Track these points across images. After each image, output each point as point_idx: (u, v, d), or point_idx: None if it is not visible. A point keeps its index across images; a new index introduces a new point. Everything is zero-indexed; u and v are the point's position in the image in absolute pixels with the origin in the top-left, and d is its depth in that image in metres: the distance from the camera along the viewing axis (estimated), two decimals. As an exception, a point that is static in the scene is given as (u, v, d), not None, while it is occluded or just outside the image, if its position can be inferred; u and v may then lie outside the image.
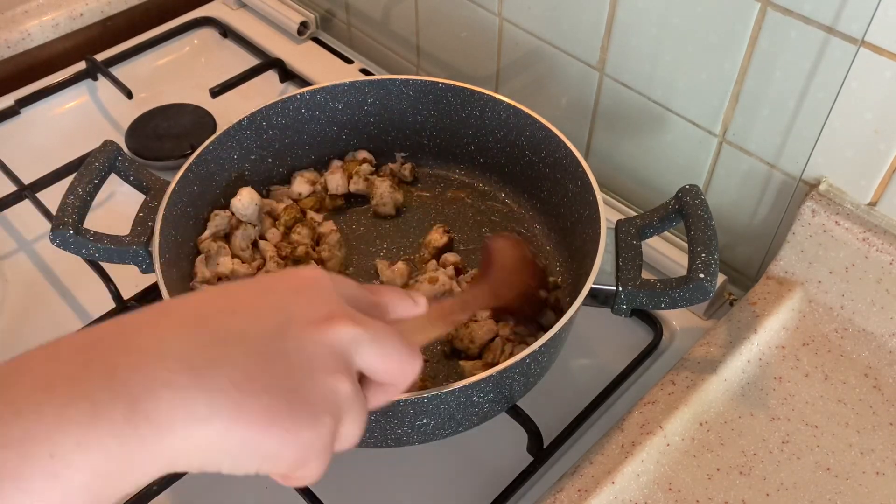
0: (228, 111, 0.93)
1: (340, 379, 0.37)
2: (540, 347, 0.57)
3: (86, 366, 0.32)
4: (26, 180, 0.83)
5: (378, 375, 0.40)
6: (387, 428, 0.59)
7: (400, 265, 0.74)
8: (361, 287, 0.43)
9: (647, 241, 0.74)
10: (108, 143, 0.69)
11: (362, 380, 0.41)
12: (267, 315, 0.37)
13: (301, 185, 0.80)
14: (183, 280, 0.69)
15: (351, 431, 0.39)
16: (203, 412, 0.33)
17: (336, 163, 0.82)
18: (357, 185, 0.80)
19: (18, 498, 0.29)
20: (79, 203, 0.65)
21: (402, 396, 0.54)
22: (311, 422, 0.36)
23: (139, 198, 0.69)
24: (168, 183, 0.68)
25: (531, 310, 0.67)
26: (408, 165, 0.82)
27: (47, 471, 0.30)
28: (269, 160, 0.79)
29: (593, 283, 0.61)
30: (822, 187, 0.67)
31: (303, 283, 0.40)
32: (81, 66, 0.99)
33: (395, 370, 0.40)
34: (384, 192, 0.78)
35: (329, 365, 0.37)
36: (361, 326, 0.39)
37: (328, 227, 0.77)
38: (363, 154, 0.83)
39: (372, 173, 0.81)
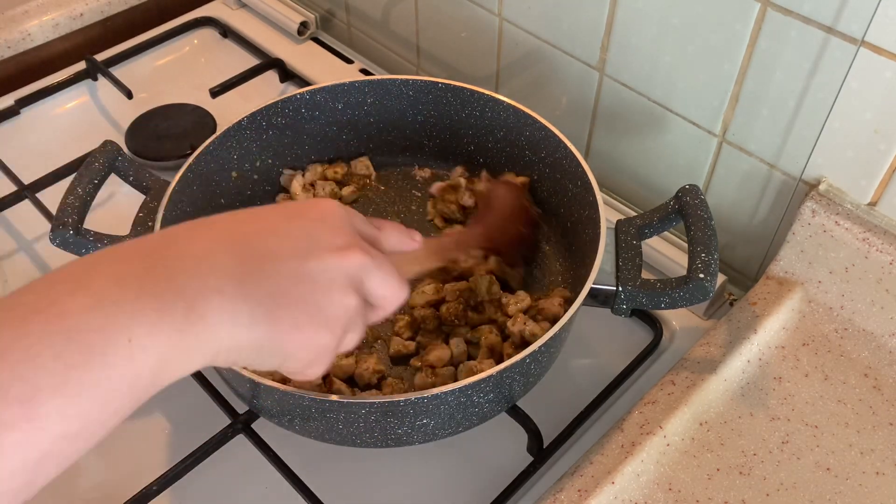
0: (228, 111, 0.93)
1: (352, 297, 0.44)
2: (540, 347, 0.57)
3: (149, 270, 0.38)
4: (26, 180, 0.83)
5: (375, 299, 0.47)
6: (387, 428, 0.59)
7: None
8: (367, 220, 0.50)
9: (647, 241, 0.74)
10: (108, 144, 0.69)
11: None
12: (297, 239, 0.43)
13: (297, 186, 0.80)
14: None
15: (352, 339, 0.46)
16: (245, 318, 0.39)
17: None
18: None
19: (105, 374, 0.35)
20: (79, 203, 0.65)
21: (402, 397, 0.54)
22: (326, 331, 0.43)
23: (139, 198, 0.69)
24: (168, 183, 0.68)
25: (519, 251, 0.74)
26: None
27: (125, 353, 0.35)
28: (269, 160, 0.79)
29: (593, 283, 0.61)
30: (822, 187, 0.67)
31: (325, 213, 0.46)
32: (81, 66, 0.99)
33: (388, 296, 0.47)
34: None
35: (344, 286, 0.44)
36: (370, 256, 0.45)
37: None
38: (364, 161, 0.83)
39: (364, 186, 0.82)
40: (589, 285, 0.60)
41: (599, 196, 0.67)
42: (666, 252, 0.77)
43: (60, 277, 0.37)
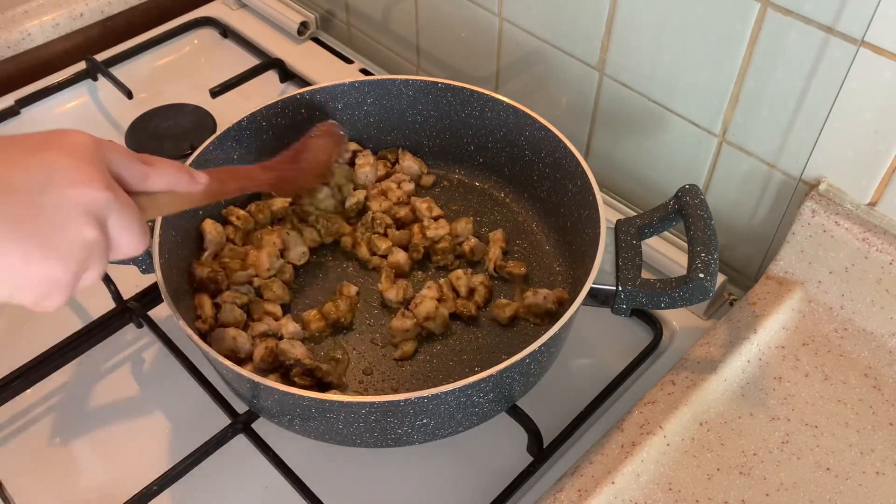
0: (228, 111, 0.93)
1: (90, 230, 0.44)
2: (540, 347, 0.57)
3: None
4: (26, 180, 0.83)
5: (112, 241, 0.47)
6: (387, 428, 0.59)
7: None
8: (132, 156, 0.50)
9: (647, 241, 0.74)
10: (108, 143, 0.69)
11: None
12: (34, 171, 0.43)
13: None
14: (183, 279, 0.69)
15: (92, 275, 0.46)
16: None
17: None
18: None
19: None
20: (79, 203, 0.65)
21: (402, 397, 0.54)
22: (59, 264, 0.43)
23: (139, 198, 0.69)
24: (168, 183, 0.68)
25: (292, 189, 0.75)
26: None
27: None
28: (269, 160, 0.79)
29: (593, 283, 0.61)
30: (822, 187, 0.67)
31: (72, 145, 0.45)
32: (81, 66, 0.99)
33: (125, 242, 0.47)
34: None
35: (82, 219, 0.44)
36: (112, 194, 0.46)
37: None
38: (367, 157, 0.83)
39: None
40: (589, 285, 0.60)
41: (599, 196, 0.67)
42: (666, 252, 0.77)
43: None
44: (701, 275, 0.60)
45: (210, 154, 0.72)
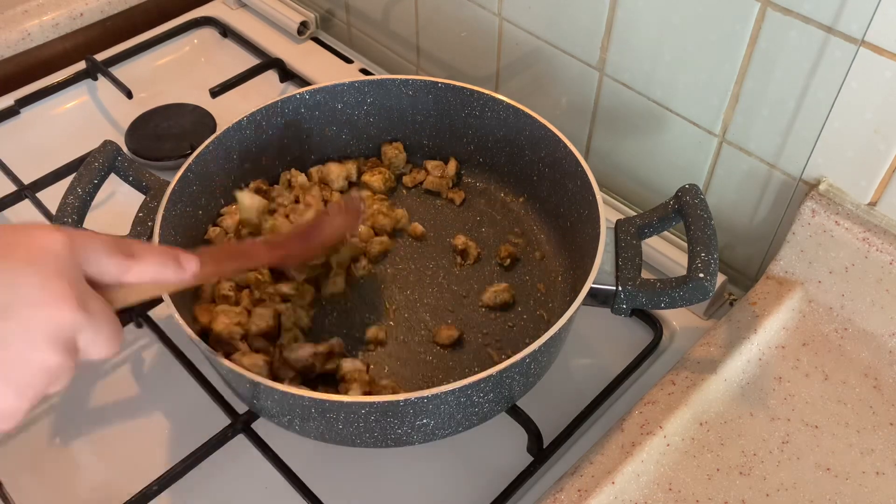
0: (228, 111, 0.93)
1: (54, 355, 0.40)
2: (540, 347, 0.57)
3: None
4: (26, 180, 0.83)
5: (83, 354, 0.43)
6: (387, 428, 0.58)
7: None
8: (112, 249, 0.45)
9: (647, 240, 0.74)
10: (107, 143, 0.69)
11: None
12: None
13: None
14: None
15: (56, 389, 0.42)
16: None
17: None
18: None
19: None
20: (78, 203, 0.65)
21: (402, 397, 0.54)
22: (13, 394, 0.40)
23: (139, 198, 0.69)
24: (168, 183, 0.68)
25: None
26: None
27: None
28: (269, 160, 0.79)
29: (593, 283, 0.61)
30: (822, 187, 0.67)
31: (39, 253, 0.40)
32: (81, 66, 0.99)
33: (95, 352, 0.43)
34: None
35: (44, 346, 0.40)
36: (82, 312, 0.41)
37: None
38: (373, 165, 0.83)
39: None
40: (589, 285, 0.60)
41: (599, 196, 0.67)
42: (666, 252, 0.77)
43: None
44: (701, 275, 0.60)
45: (210, 154, 0.72)
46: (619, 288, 0.62)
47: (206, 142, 0.72)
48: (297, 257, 0.64)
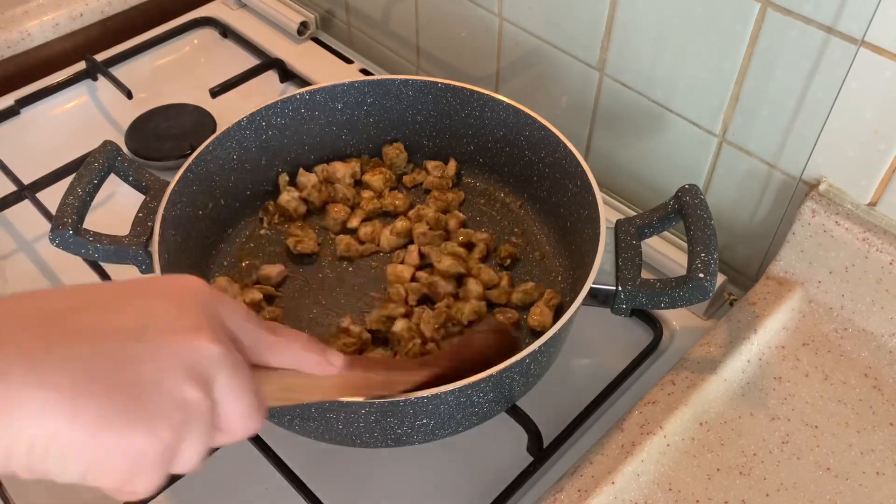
0: (228, 111, 0.93)
1: (192, 390, 0.35)
2: (540, 347, 0.57)
3: None
4: (26, 180, 0.83)
5: (218, 409, 0.37)
6: (387, 428, 0.58)
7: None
8: (257, 320, 0.40)
9: (647, 240, 0.74)
10: (107, 144, 0.69)
11: None
12: (125, 315, 0.35)
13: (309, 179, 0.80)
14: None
15: (191, 449, 0.36)
16: (33, 407, 0.31)
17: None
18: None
19: None
20: (78, 203, 0.65)
21: (402, 397, 0.54)
22: (146, 429, 0.33)
23: (139, 198, 0.69)
24: (168, 183, 0.68)
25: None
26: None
27: None
28: (269, 160, 0.79)
29: (593, 283, 0.61)
30: (822, 187, 0.67)
31: (176, 289, 0.38)
32: (81, 66, 0.99)
33: (237, 416, 0.38)
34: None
35: (179, 374, 0.35)
36: (225, 348, 0.36)
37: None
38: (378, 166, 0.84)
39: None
40: (589, 285, 0.60)
41: (599, 196, 0.67)
42: (666, 252, 0.77)
43: None
44: (701, 275, 0.60)
45: (210, 154, 0.72)
46: (619, 288, 0.62)
47: (206, 142, 0.72)
48: (449, 378, 0.55)
